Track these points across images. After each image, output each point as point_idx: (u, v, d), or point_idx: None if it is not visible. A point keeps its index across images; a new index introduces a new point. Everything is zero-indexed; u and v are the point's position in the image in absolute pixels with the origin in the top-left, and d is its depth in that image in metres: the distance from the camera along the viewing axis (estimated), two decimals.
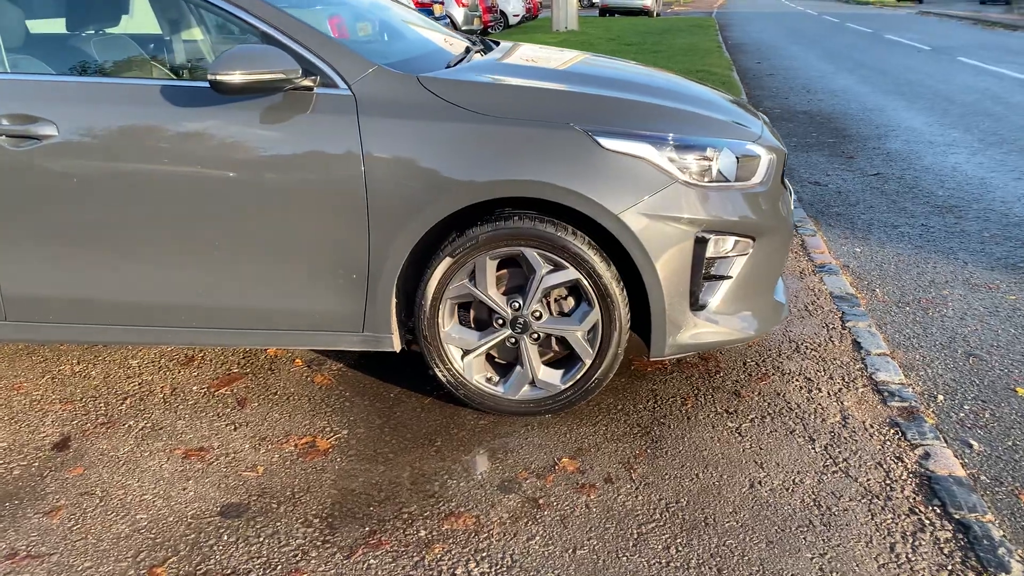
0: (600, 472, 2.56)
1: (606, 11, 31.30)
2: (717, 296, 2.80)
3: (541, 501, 2.42)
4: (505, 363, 2.92)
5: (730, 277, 2.80)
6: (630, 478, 2.52)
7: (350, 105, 2.64)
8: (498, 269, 2.79)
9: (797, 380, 3.12)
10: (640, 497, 2.43)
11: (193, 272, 2.80)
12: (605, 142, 2.62)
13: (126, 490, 2.51)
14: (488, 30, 20.54)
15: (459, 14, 18.21)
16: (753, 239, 2.79)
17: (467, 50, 3.44)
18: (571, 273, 2.69)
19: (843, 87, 11.71)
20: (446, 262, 2.72)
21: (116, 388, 3.13)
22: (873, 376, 3.13)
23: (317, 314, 2.83)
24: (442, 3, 17.34)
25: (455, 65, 3.05)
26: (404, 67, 2.80)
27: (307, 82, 2.62)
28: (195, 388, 3.13)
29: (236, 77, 2.51)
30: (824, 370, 3.19)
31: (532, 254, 2.69)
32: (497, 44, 3.70)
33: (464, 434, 2.80)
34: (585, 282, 2.70)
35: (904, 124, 8.67)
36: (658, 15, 32.20)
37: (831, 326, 3.60)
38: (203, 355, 3.38)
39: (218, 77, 2.49)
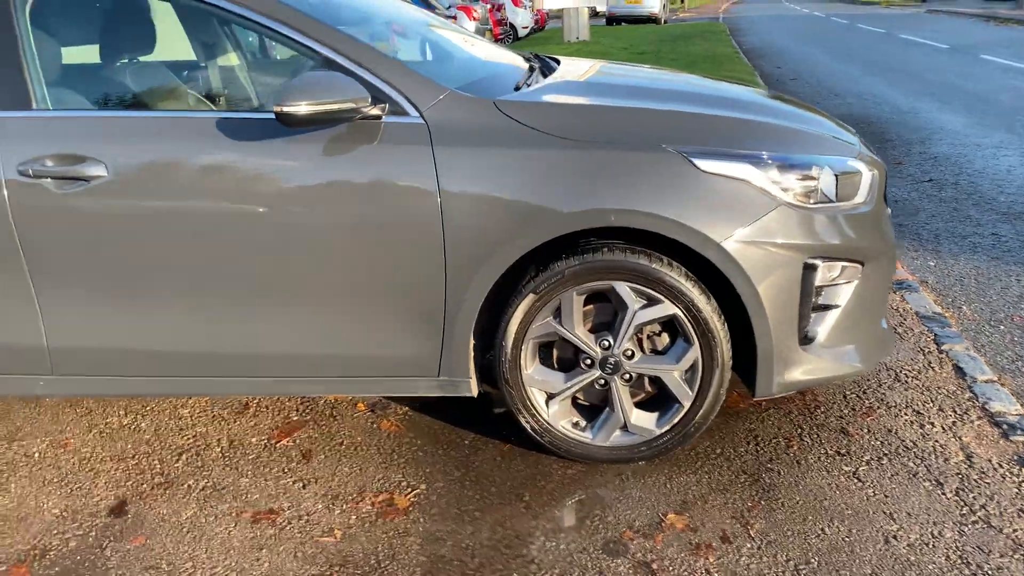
0: (713, 529, 2.32)
1: (613, 20, 31.13)
2: (825, 327, 2.57)
3: (655, 566, 2.19)
4: (590, 406, 2.69)
5: (838, 306, 2.57)
6: (748, 535, 2.29)
7: (422, 134, 2.43)
8: (584, 305, 2.56)
9: (906, 414, 2.88)
10: (765, 559, 2.19)
11: (254, 319, 2.58)
12: (702, 164, 2.40)
13: (194, 562, 2.29)
14: (498, 42, 20.39)
15: (471, 27, 18.07)
16: (861, 264, 2.56)
17: (530, 68, 3.22)
18: (667, 308, 2.46)
19: (870, 90, 11.47)
20: (529, 299, 2.50)
21: (169, 442, 2.91)
22: (986, 407, 2.88)
23: (390, 359, 2.61)
24: (455, 17, 17.20)
25: (524, 86, 2.83)
26: (473, 90, 2.59)
27: (375, 110, 2.41)
28: (254, 440, 2.91)
29: (303, 108, 2.30)
30: (931, 400, 2.95)
31: (624, 288, 2.46)
32: (555, 60, 3.48)
33: (553, 486, 2.57)
34: (683, 317, 2.47)
35: (945, 126, 8.42)
36: (666, 22, 32.02)
37: (927, 350, 3.36)
38: (258, 402, 3.16)
39: (284, 109, 2.29)
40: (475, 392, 2.64)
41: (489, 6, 20.47)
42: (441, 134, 2.43)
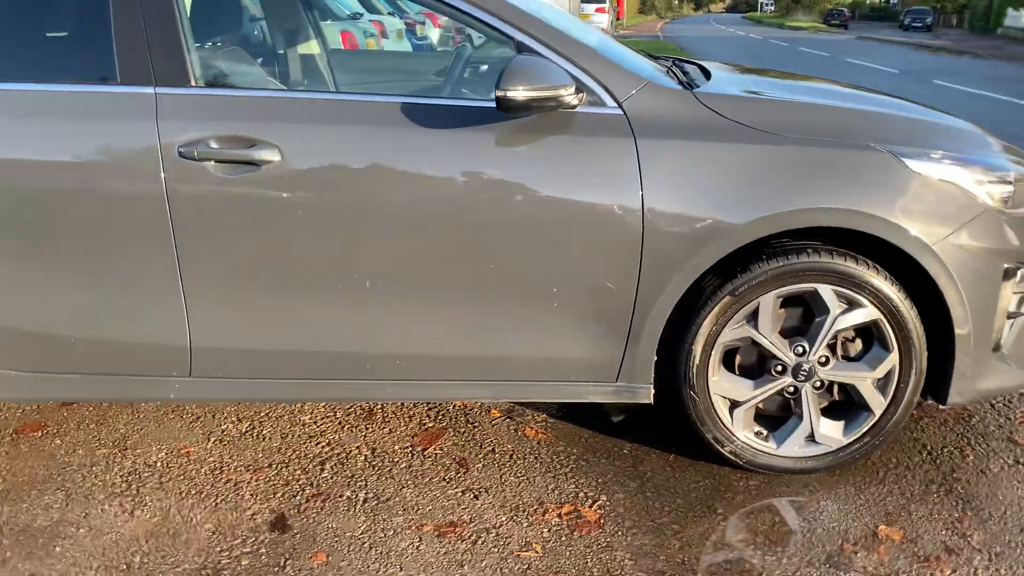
0: (934, 541, 2.25)
1: None
2: (1012, 335, 2.53)
3: None
4: (767, 415, 2.59)
5: (1023, 314, 2.54)
6: (972, 547, 2.22)
7: (622, 126, 2.30)
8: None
9: None
10: (1002, 570, 2.12)
11: (422, 320, 2.41)
12: (912, 164, 2.34)
13: None
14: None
15: (435, 34, 17.91)
16: None
17: (669, 70, 3.12)
18: (870, 313, 2.39)
19: None
20: (725, 302, 2.39)
21: (303, 451, 2.70)
22: None
23: (563, 363, 2.47)
24: (423, 23, 17.00)
25: (690, 84, 2.72)
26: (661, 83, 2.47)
27: (574, 99, 2.27)
28: (397, 448, 2.72)
29: (521, 93, 2.16)
30: None
31: (827, 292, 2.38)
32: (683, 60, 3.39)
33: (741, 498, 2.47)
34: (884, 323, 2.40)
35: None
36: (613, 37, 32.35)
37: None
38: (383, 407, 2.97)
39: (508, 94, 2.14)
40: (652, 399, 2.51)
41: None
42: (643, 126, 2.31)
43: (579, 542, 2.26)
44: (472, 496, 2.46)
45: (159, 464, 2.62)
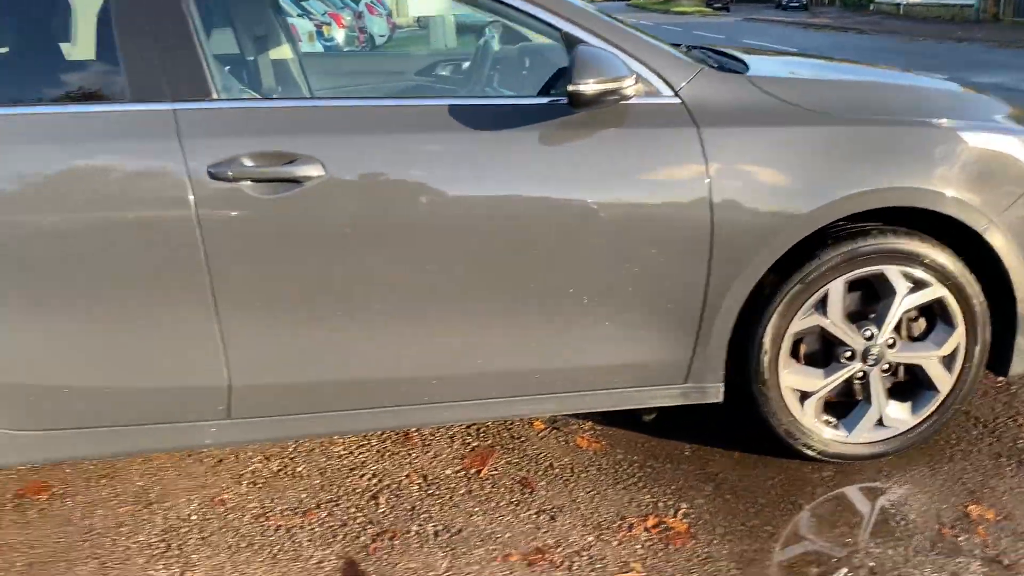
0: None
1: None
2: None
3: (1005, 560, 2.06)
4: (831, 403, 2.53)
5: None
6: None
7: (681, 115, 2.20)
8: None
9: None
10: None
11: (488, 333, 2.26)
12: (969, 137, 2.31)
13: None
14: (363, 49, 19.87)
15: (341, 35, 17.50)
16: None
17: (700, 57, 3.00)
18: (936, 291, 2.36)
19: None
20: (795, 290, 2.31)
21: (349, 486, 2.50)
22: None
23: (632, 368, 2.36)
24: (330, 24, 16.57)
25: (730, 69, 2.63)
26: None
27: (633, 90, 2.15)
28: (449, 473, 2.55)
29: (591, 87, 2.03)
30: None
31: (895, 273, 2.33)
32: (707, 49, 3.28)
33: (820, 490, 2.41)
34: (950, 300, 2.37)
35: None
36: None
37: None
38: (418, 431, 2.79)
39: (579, 88, 2.00)
40: (721, 398, 2.42)
41: (352, 14, 19.90)
42: (703, 114, 2.21)
43: (678, 556, 2.15)
44: (548, 518, 2.32)
45: (194, 517, 2.38)
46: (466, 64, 3.34)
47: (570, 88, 2.00)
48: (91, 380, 2.17)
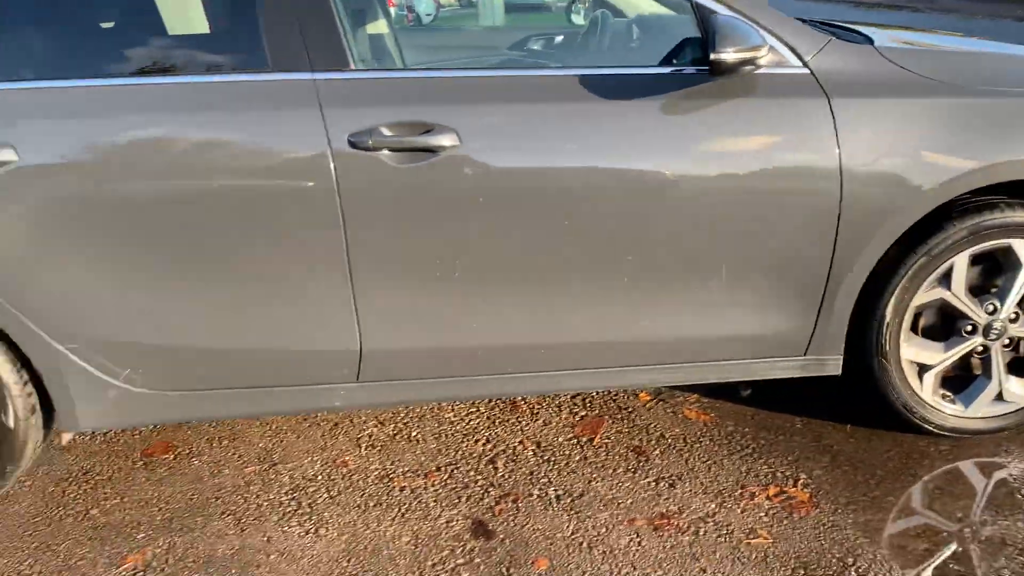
0: None
1: None
2: None
3: None
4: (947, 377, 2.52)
5: None
6: None
7: (811, 85, 2.20)
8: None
9: None
10: None
11: (614, 303, 2.29)
12: None
13: None
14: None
15: (392, 13, 17.58)
16: None
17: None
18: None
19: None
20: (920, 263, 2.31)
21: (465, 451, 2.56)
22: None
23: (754, 340, 2.37)
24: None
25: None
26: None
27: (765, 60, 2.15)
28: (561, 440, 2.59)
29: (731, 55, 2.04)
30: None
31: (1021, 246, 2.31)
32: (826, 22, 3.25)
33: (940, 463, 2.42)
34: None
35: None
36: None
37: None
38: (525, 400, 2.83)
39: (721, 56, 2.02)
40: (840, 371, 2.43)
41: None
42: (833, 84, 2.20)
43: (803, 524, 2.17)
44: (668, 485, 2.35)
45: (320, 477, 2.45)
46: (559, 38, 3.36)
47: (712, 56, 2.01)
48: (230, 343, 2.24)
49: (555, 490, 2.35)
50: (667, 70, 2.23)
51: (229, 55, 2.23)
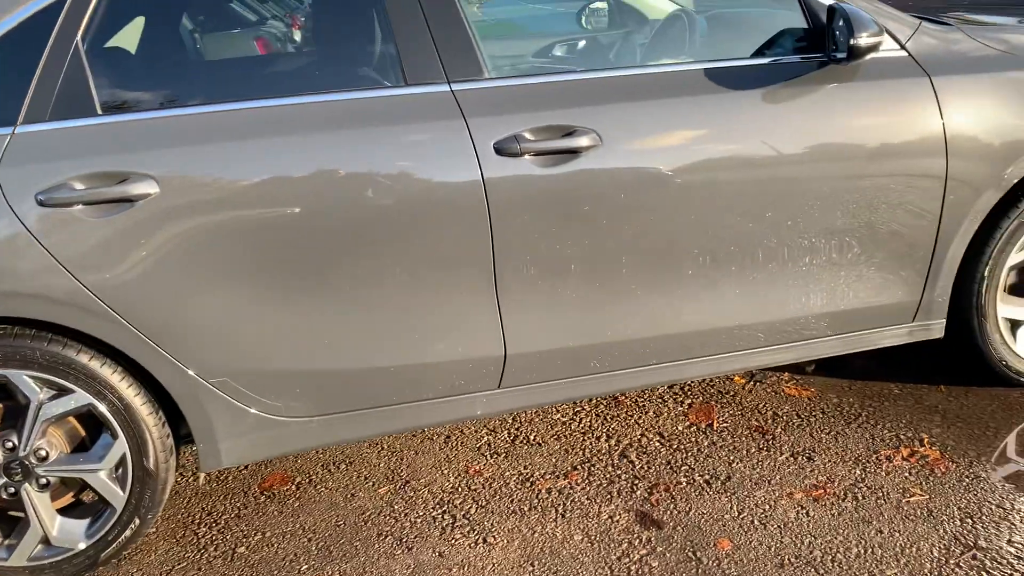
0: None
1: None
2: None
3: None
4: None
5: None
6: None
7: (911, 66, 2.34)
8: None
9: None
10: None
11: (746, 287, 2.37)
12: None
13: (812, 547, 2.06)
14: None
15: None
16: None
17: None
18: None
19: None
20: (1014, 226, 2.48)
21: (591, 448, 2.59)
22: None
23: (866, 311, 2.49)
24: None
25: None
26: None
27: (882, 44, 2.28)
28: (680, 428, 2.66)
29: (864, 40, 2.16)
30: None
31: None
32: None
33: None
34: None
35: None
36: None
37: None
38: (625, 396, 2.88)
39: (858, 42, 2.14)
40: (943, 333, 2.57)
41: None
42: (931, 64, 2.35)
43: (949, 478, 2.29)
44: (806, 459, 2.44)
45: (460, 488, 2.44)
46: (639, 38, 3.35)
47: (852, 42, 2.12)
48: (375, 362, 2.21)
49: (700, 476, 2.40)
50: (796, 58, 2.31)
51: (366, 70, 2.22)
